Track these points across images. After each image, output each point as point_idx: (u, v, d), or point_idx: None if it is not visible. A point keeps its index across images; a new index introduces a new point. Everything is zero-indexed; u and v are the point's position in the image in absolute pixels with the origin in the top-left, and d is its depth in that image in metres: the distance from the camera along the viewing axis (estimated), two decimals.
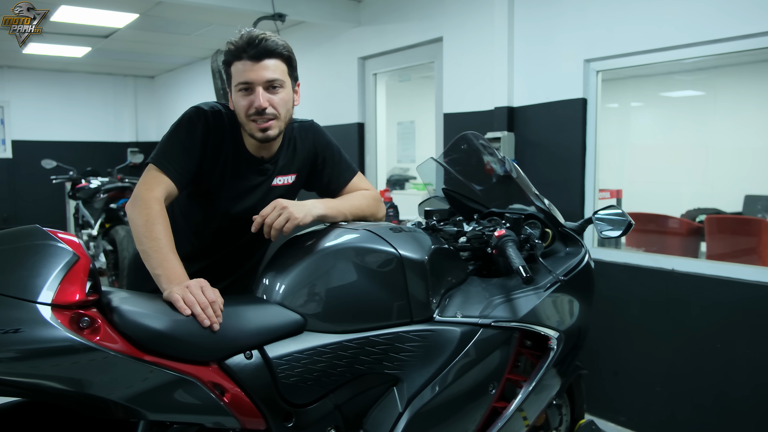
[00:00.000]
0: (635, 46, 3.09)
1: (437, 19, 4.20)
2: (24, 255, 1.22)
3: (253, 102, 1.69)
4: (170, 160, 1.68)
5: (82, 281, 1.24)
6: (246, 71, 1.68)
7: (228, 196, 1.80)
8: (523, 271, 1.65)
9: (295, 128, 1.92)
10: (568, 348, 1.90)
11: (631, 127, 6.26)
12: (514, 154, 3.64)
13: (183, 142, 1.71)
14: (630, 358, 3.20)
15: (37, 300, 1.15)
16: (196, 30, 5.88)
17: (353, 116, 5.05)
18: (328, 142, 1.97)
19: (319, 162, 1.94)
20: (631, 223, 1.92)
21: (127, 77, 8.91)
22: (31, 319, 1.13)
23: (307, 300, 1.54)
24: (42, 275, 1.19)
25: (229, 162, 1.78)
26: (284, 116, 1.75)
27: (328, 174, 1.95)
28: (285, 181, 1.89)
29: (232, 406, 1.36)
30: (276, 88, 1.71)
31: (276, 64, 1.71)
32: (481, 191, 2.21)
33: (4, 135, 8.08)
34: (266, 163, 1.83)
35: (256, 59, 1.68)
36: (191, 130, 1.72)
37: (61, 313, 1.17)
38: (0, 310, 1.12)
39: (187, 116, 1.74)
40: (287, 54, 1.74)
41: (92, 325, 1.21)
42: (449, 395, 1.62)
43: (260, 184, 1.84)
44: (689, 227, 4.16)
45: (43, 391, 1.15)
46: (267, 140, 1.74)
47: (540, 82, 3.54)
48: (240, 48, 1.68)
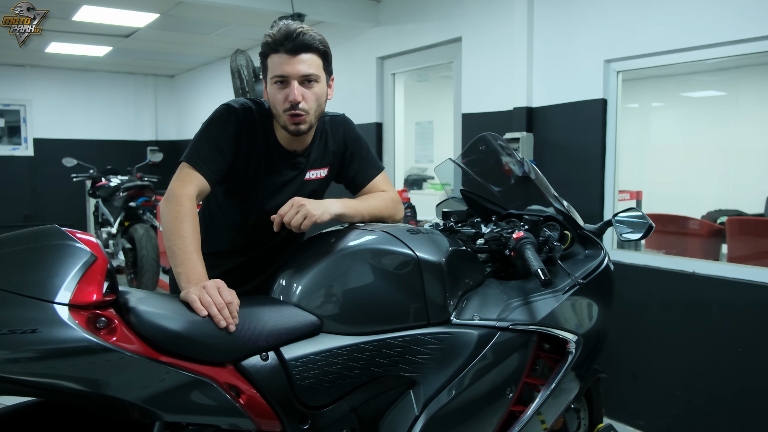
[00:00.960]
0: (656, 46, 3.05)
1: (456, 19, 4.18)
2: (42, 255, 1.22)
3: (288, 95, 1.70)
4: (203, 158, 1.71)
5: (100, 281, 1.24)
6: (282, 64, 1.69)
7: (263, 191, 1.83)
8: (541, 273, 1.63)
9: (327, 122, 1.94)
10: (587, 351, 1.87)
11: (652, 128, 6.18)
12: (533, 155, 3.61)
13: (215, 140, 1.73)
14: (649, 361, 3.16)
15: (55, 300, 1.15)
16: (215, 30, 5.91)
17: (371, 116, 5.04)
18: (358, 137, 2.00)
19: (347, 155, 1.97)
20: (652, 226, 1.89)
21: (148, 76, 8.99)
22: (48, 319, 1.13)
23: (324, 301, 1.53)
24: (59, 275, 1.19)
25: (262, 157, 1.81)
26: (317, 111, 1.77)
27: (355, 168, 1.98)
28: (318, 174, 1.92)
29: (247, 408, 1.36)
30: (311, 82, 1.73)
31: (312, 59, 1.72)
32: (499, 192, 2.18)
33: (26, 133, 8.19)
34: (299, 156, 1.86)
35: (293, 53, 1.69)
36: (223, 127, 1.75)
37: (78, 314, 1.17)
38: (17, 310, 1.12)
39: (218, 114, 1.77)
40: (323, 48, 1.74)
41: (109, 326, 1.21)
42: (466, 398, 1.60)
43: (294, 179, 1.87)
44: (710, 229, 4.09)
45: (60, 391, 1.15)
46: (299, 133, 1.76)
47: (560, 82, 3.51)
48: (277, 41, 1.69)
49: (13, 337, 1.09)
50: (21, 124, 8.17)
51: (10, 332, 1.09)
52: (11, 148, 8.14)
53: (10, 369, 1.09)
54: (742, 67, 5.13)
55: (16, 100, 8.12)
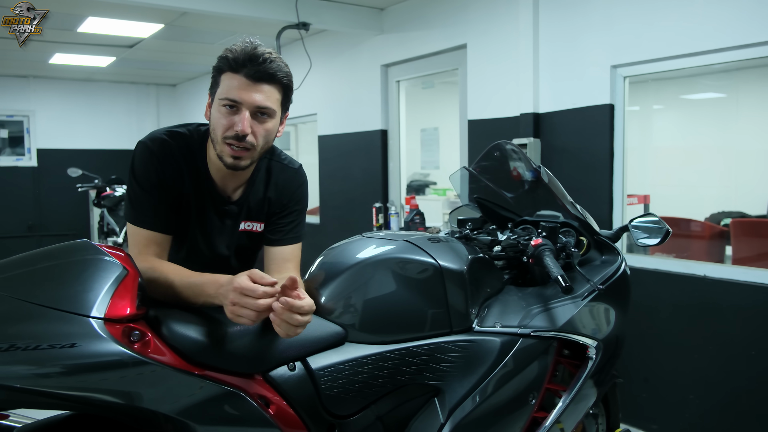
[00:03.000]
0: (663, 51, 3.07)
1: (461, 26, 4.21)
2: (76, 270, 1.24)
3: (234, 123, 1.51)
4: (142, 212, 1.57)
5: (132, 295, 1.26)
6: (237, 89, 1.50)
7: (194, 232, 1.68)
8: (562, 280, 1.65)
9: (275, 166, 1.74)
10: (607, 357, 1.88)
11: (653, 131, 6.20)
12: (541, 161, 3.63)
13: (144, 188, 1.57)
14: (661, 365, 3.17)
15: (91, 314, 1.17)
16: (219, 39, 5.93)
17: (376, 123, 5.06)
18: (303, 198, 1.80)
19: (283, 211, 1.76)
20: (669, 231, 1.90)
21: (150, 86, 9.02)
22: (85, 333, 1.14)
23: (348, 311, 1.55)
24: (94, 290, 1.21)
25: (192, 198, 1.63)
26: (262, 148, 1.58)
27: (282, 226, 1.75)
28: (253, 227, 1.74)
29: (277, 418, 1.37)
30: (264, 116, 1.54)
31: (272, 91, 1.54)
32: (513, 199, 2.20)
33: (30, 144, 8.21)
34: (232, 204, 1.69)
35: (253, 79, 1.50)
36: (145, 171, 1.57)
37: (113, 327, 1.19)
38: (55, 325, 1.14)
39: (136, 158, 1.59)
40: (287, 83, 1.57)
41: (143, 339, 1.23)
42: (490, 406, 1.61)
43: (228, 227, 1.72)
44: (714, 231, 4.10)
45: (97, 404, 1.16)
46: (236, 168, 1.57)
47: (566, 88, 3.53)
48: (238, 61, 1.50)
49: (53, 352, 1.10)
50: (24, 135, 8.18)
51: (50, 347, 1.10)
52: (15, 159, 8.15)
53: (52, 383, 1.10)
54: (742, 69, 5.15)
55: (20, 111, 8.14)
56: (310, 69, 4.88)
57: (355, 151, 5.33)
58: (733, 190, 5.60)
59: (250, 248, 1.81)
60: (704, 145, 5.75)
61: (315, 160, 5.95)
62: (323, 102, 5.71)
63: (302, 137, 7.75)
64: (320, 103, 5.75)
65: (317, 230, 5.61)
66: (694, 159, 5.64)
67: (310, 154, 6.13)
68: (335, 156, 5.60)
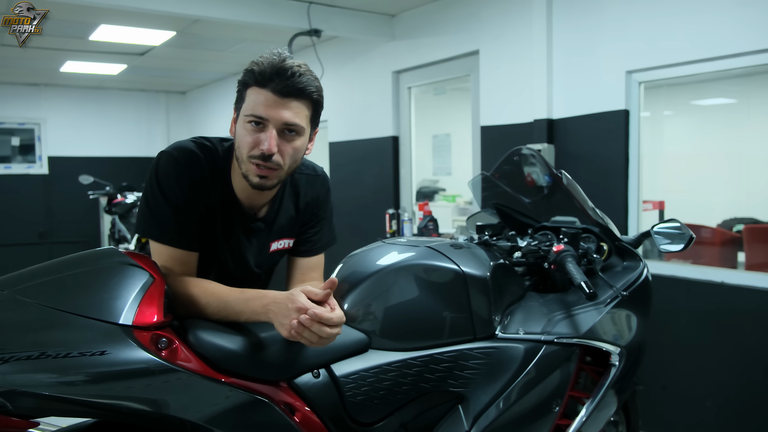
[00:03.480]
0: (678, 57, 3.06)
1: (473, 32, 4.20)
2: (104, 277, 1.24)
3: (260, 142, 1.41)
4: (169, 228, 1.46)
5: (159, 302, 1.26)
6: (264, 105, 1.40)
7: (223, 254, 1.59)
8: (585, 287, 1.64)
9: (302, 180, 1.67)
10: (629, 364, 1.87)
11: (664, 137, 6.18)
12: (555, 167, 3.61)
13: (169, 201, 1.45)
14: (679, 372, 3.14)
15: (119, 322, 1.17)
16: (230, 46, 5.95)
17: (388, 130, 5.06)
18: (328, 200, 1.75)
19: (312, 220, 1.71)
20: (693, 237, 1.89)
21: (159, 93, 9.05)
22: (114, 341, 1.14)
23: (372, 318, 1.54)
24: (122, 297, 1.21)
25: (218, 216, 1.54)
26: (290, 167, 1.49)
27: (311, 236, 1.71)
28: (285, 245, 1.68)
29: (302, 425, 1.36)
30: (293, 133, 1.44)
31: (300, 107, 1.43)
32: (532, 205, 2.19)
33: (41, 151, 8.24)
34: (258, 221, 1.60)
35: (282, 95, 1.40)
36: (173, 183, 1.46)
37: (141, 334, 1.19)
38: (85, 333, 1.14)
39: (160, 168, 1.47)
40: (317, 98, 1.46)
41: (170, 346, 1.23)
42: (514, 413, 1.60)
43: (258, 248, 1.63)
44: (726, 237, 4.08)
45: (124, 411, 1.16)
46: (262, 188, 1.48)
47: (580, 94, 3.52)
48: (266, 75, 1.40)
49: (83, 360, 1.10)
50: (35, 143, 8.22)
51: (80, 354, 1.10)
52: (26, 167, 8.18)
53: (82, 391, 1.10)
54: (753, 75, 5.13)
55: (31, 119, 8.18)
56: (322, 75, 4.88)
57: (366, 158, 5.33)
58: (745, 196, 5.56)
59: (278, 263, 1.77)
60: (715, 151, 5.72)
61: (325, 167, 5.96)
62: (334, 108, 5.71)
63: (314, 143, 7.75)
64: (331, 110, 5.75)
65: None
66: (705, 165, 5.62)
67: (319, 161, 6.13)
68: (346, 162, 5.60)
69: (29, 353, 1.08)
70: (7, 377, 1.06)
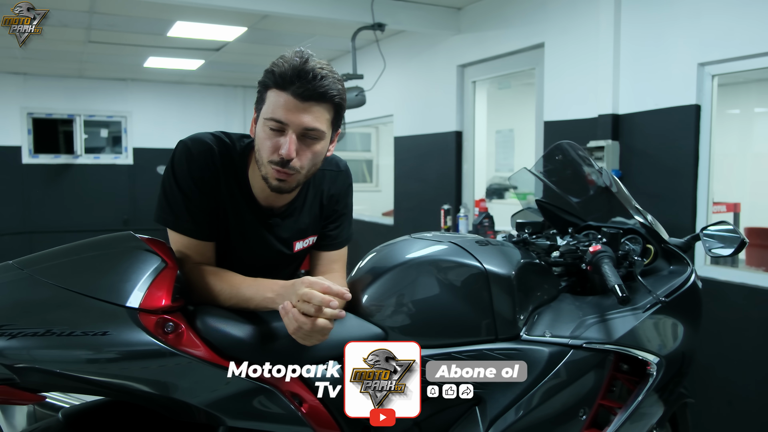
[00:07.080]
0: (756, 47, 2.84)
1: (539, 25, 4.08)
2: (116, 260, 1.28)
3: (279, 146, 1.39)
4: (182, 217, 1.47)
5: (169, 287, 1.28)
6: (284, 108, 1.38)
7: (239, 246, 1.57)
8: (618, 290, 1.55)
9: (326, 176, 1.65)
10: (670, 374, 1.74)
11: (754, 135, 5.79)
12: (619, 164, 3.45)
13: (183, 190, 1.47)
14: (747, 387, 2.93)
15: (126, 304, 1.20)
16: (300, 41, 6.03)
17: (451, 125, 5.00)
18: (350, 196, 1.73)
19: (335, 216, 1.69)
20: (745, 241, 1.74)
21: (237, 88, 9.34)
22: (118, 322, 1.18)
23: (388, 312, 1.51)
24: (131, 280, 1.24)
25: (228, 208, 1.53)
26: (309, 171, 1.47)
27: (331, 230, 1.69)
28: (308, 243, 1.66)
29: (310, 417, 1.36)
30: (312, 139, 1.42)
31: (321, 111, 1.40)
32: (577, 203, 2.09)
33: (127, 143, 8.70)
34: (276, 217, 1.57)
35: (302, 98, 1.37)
36: (187, 172, 1.49)
37: (147, 318, 1.22)
38: (90, 313, 1.18)
39: (176, 158, 1.51)
40: (339, 101, 1.43)
41: (176, 331, 1.25)
42: (535, 418, 1.53)
43: (273, 242, 1.60)
44: None
45: (126, 391, 1.20)
46: (281, 191, 1.47)
47: (648, 88, 3.34)
48: (286, 77, 1.36)
49: (85, 339, 1.14)
50: (122, 135, 8.69)
51: (83, 334, 1.14)
52: (113, 157, 8.66)
53: (82, 369, 1.14)
54: None
55: (118, 112, 8.64)
56: (383, 70, 4.88)
57: (429, 153, 5.29)
58: None
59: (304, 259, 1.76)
60: None
61: (390, 161, 5.96)
62: (399, 103, 5.71)
63: (383, 138, 7.79)
64: (396, 104, 5.75)
65: (391, 232, 5.61)
66: None
67: (389, 156, 6.14)
68: (410, 157, 5.58)
69: (36, 330, 1.12)
70: (14, 352, 1.11)
